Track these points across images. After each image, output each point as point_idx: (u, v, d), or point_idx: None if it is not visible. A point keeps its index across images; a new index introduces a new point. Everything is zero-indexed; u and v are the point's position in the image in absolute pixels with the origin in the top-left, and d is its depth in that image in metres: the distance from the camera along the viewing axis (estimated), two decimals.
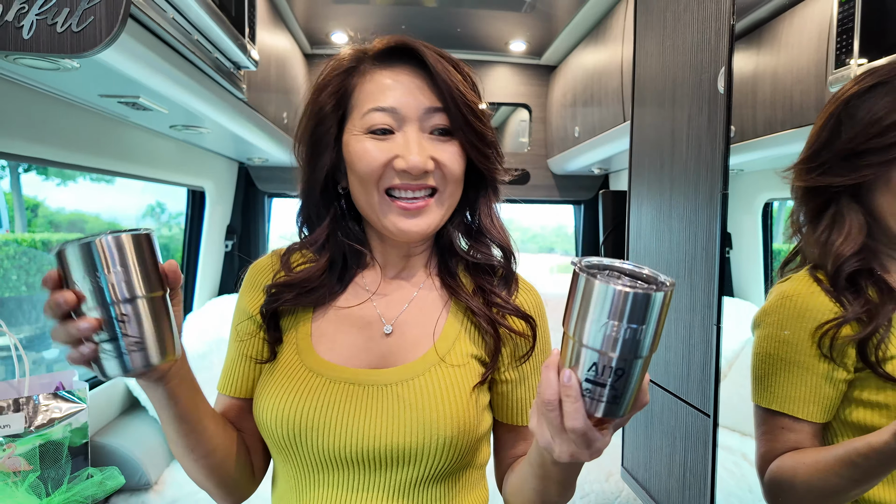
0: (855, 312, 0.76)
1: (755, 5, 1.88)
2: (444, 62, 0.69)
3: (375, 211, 0.69)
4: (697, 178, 0.90)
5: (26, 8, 0.82)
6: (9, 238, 3.88)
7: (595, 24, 2.19)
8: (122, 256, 0.53)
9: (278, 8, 2.07)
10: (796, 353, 0.79)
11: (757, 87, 1.90)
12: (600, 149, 2.06)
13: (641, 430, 1.12)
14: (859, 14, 1.40)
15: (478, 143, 0.70)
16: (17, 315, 3.67)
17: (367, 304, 0.74)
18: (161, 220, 4.52)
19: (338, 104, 0.71)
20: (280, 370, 0.71)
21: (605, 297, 0.45)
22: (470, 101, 0.69)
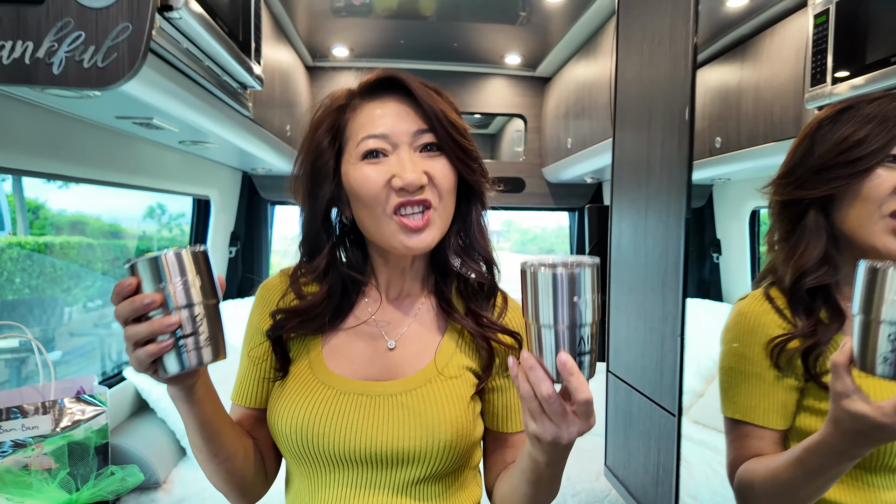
0: (802, 330, 0.83)
1: (739, 22, 1.96)
2: (427, 89, 0.76)
3: (382, 233, 0.75)
4: (669, 199, 0.98)
5: (56, 46, 0.90)
6: (12, 241, 3.94)
7: (587, 40, 2.27)
8: (187, 268, 0.62)
9: (281, 24, 2.16)
10: (753, 366, 0.86)
11: (741, 101, 1.98)
12: (591, 160, 2.14)
13: (621, 431, 1.19)
14: (832, 35, 1.47)
15: (464, 157, 0.77)
16: (21, 317, 3.74)
17: (372, 322, 0.81)
18: (161, 222, 4.58)
19: (333, 138, 0.78)
20: (293, 383, 0.78)
21: (545, 281, 0.55)
22: (453, 120, 0.76)
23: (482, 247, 0.82)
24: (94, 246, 4.52)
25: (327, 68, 2.68)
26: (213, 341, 0.64)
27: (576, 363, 0.56)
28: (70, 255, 4.32)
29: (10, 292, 3.82)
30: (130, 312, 0.60)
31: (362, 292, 0.83)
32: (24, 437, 1.04)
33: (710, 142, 2.16)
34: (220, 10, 1.22)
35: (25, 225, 4.37)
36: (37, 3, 0.89)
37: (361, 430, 0.74)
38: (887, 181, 0.80)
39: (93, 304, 4.44)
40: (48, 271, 4.11)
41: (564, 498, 1.93)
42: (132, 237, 4.75)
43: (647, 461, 1.06)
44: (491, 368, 0.79)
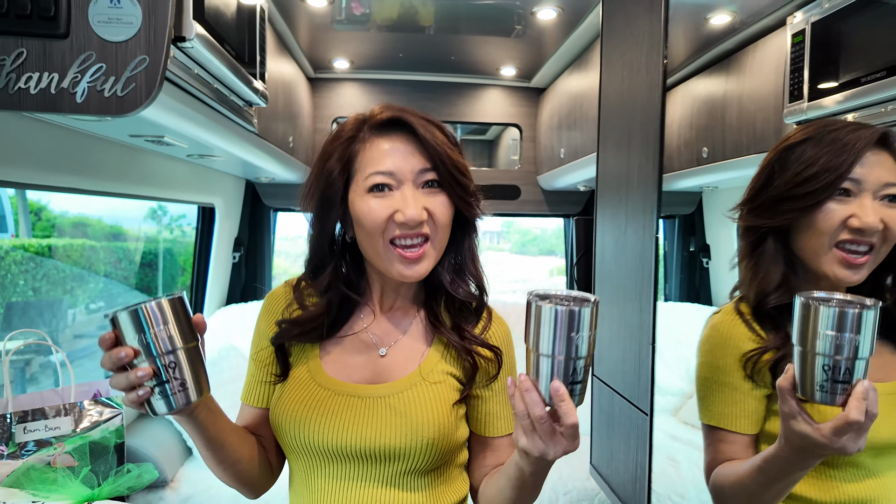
0: (770, 344, 0.90)
1: (723, 37, 2.04)
2: (431, 127, 0.83)
3: (381, 259, 0.82)
4: (644, 216, 1.06)
5: (79, 77, 0.98)
6: (16, 244, 3.99)
7: (579, 54, 2.34)
8: (163, 317, 0.69)
9: (283, 38, 2.23)
10: (726, 376, 0.93)
11: (726, 113, 2.05)
12: (583, 170, 2.22)
13: (605, 431, 1.27)
14: (808, 54, 1.54)
15: (462, 194, 0.83)
16: (24, 319, 3.81)
17: (365, 332, 0.89)
18: (162, 223, 4.65)
19: (343, 168, 0.84)
20: (293, 385, 0.86)
21: (548, 315, 0.61)
22: (455, 160, 0.83)
23: (472, 271, 0.89)
24: (97, 248, 4.59)
25: (328, 80, 2.76)
26: (195, 381, 0.71)
27: (567, 391, 0.62)
28: (73, 257, 4.38)
29: (14, 294, 3.87)
30: (111, 365, 0.68)
31: (358, 306, 0.91)
32: (46, 436, 1.12)
33: (698, 151, 2.24)
34: (228, 36, 1.30)
35: (28, 227, 4.41)
36: (62, 37, 0.96)
37: (352, 427, 0.81)
38: (837, 214, 0.85)
39: (95, 305, 4.51)
40: (51, 273, 4.17)
41: (556, 496, 2.00)
42: (134, 239, 4.82)
43: (627, 459, 1.14)
44: (474, 378, 0.86)
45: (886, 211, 0.86)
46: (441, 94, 2.81)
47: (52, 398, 1.18)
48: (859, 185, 0.86)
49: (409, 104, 0.88)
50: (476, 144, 3.94)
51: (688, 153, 2.29)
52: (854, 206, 0.86)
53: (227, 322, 2.60)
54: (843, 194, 0.86)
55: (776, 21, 1.77)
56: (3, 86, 0.96)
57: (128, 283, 4.77)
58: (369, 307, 0.91)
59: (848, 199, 0.86)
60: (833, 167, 0.85)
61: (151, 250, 4.76)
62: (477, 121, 2.87)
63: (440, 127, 0.85)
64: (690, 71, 2.30)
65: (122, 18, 0.97)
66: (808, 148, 0.89)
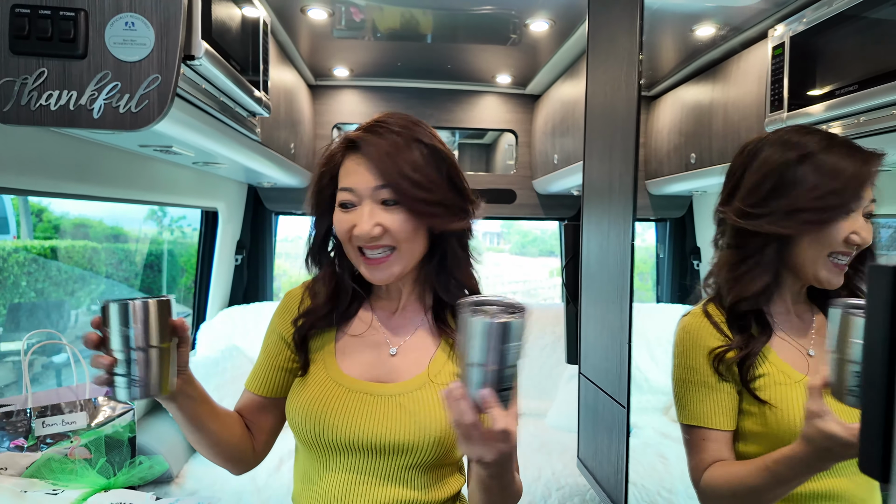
0: (736, 342, 0.95)
1: (709, 47, 2.11)
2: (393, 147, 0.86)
3: (355, 263, 0.91)
4: (626, 223, 1.13)
5: (96, 94, 1.05)
6: (18, 245, 4.05)
7: (572, 63, 2.41)
8: (144, 316, 0.78)
9: (284, 47, 2.30)
10: (699, 375, 0.97)
11: (712, 120, 2.12)
12: (576, 175, 2.29)
13: (590, 426, 1.34)
14: (787, 66, 1.61)
15: (424, 208, 0.86)
16: (27, 320, 3.86)
17: (378, 331, 0.95)
18: (163, 224, 4.70)
19: (331, 181, 0.92)
20: (311, 381, 0.93)
21: (480, 328, 0.64)
22: (412, 178, 0.85)
23: (459, 276, 0.93)
24: (99, 249, 4.65)
25: (329, 87, 2.83)
26: (158, 378, 0.79)
27: (497, 398, 0.66)
28: (75, 258, 4.43)
29: (16, 296, 3.92)
30: (86, 343, 0.79)
31: (369, 304, 0.98)
32: (63, 430, 1.19)
33: (686, 157, 2.31)
34: (233, 50, 1.37)
35: (29, 228, 4.46)
36: (80, 58, 1.04)
37: (364, 423, 0.88)
38: (843, 230, 0.90)
39: (97, 306, 4.55)
40: (53, 275, 4.22)
41: (549, 492, 2.07)
42: (134, 240, 4.87)
43: (610, 452, 1.20)
44: None
45: (869, 226, 0.92)
46: (439, 100, 2.88)
47: (68, 395, 1.25)
48: (859, 203, 0.91)
49: (408, 111, 0.94)
50: (474, 148, 4.01)
51: (677, 158, 2.36)
52: (853, 222, 0.91)
53: (229, 323, 2.67)
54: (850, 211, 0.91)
55: (758, 33, 1.84)
56: (25, 103, 1.03)
57: (129, 283, 4.83)
58: (381, 306, 0.98)
59: (850, 216, 0.91)
60: (855, 183, 0.89)
61: (152, 251, 4.83)
62: (473, 126, 2.94)
63: (411, 142, 0.88)
64: (679, 79, 2.37)
65: (136, 40, 1.04)
66: (830, 158, 0.91)
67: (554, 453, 2.25)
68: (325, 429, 0.88)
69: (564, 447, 2.31)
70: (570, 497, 2.07)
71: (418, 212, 0.86)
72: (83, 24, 1.02)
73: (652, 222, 2.97)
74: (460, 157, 3.94)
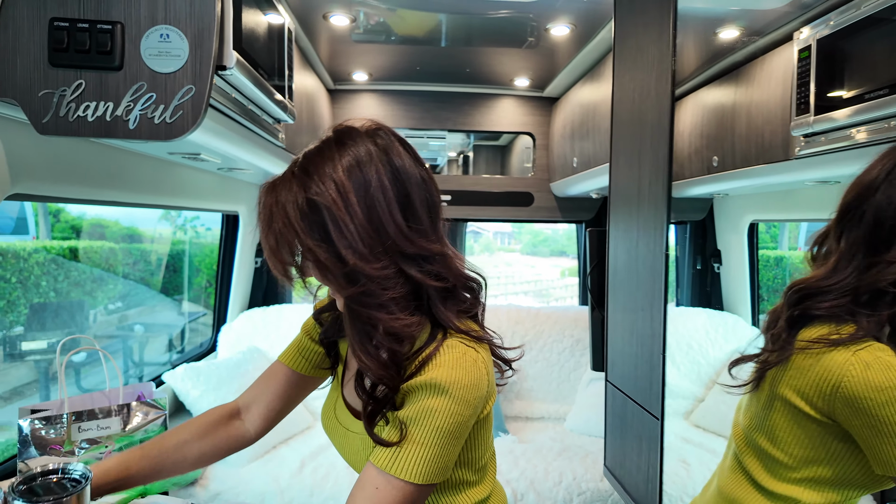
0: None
1: (732, 49, 2.09)
2: (268, 201, 0.78)
3: None
4: (655, 230, 1.12)
5: (132, 105, 1.06)
6: (38, 245, 4.11)
7: (592, 66, 2.40)
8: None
9: (305, 53, 2.32)
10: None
11: (735, 123, 2.11)
12: (595, 179, 2.28)
13: (618, 434, 1.34)
14: (814, 69, 1.60)
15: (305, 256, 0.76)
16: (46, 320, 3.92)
17: None
18: (176, 224, 4.75)
19: None
20: (330, 389, 0.99)
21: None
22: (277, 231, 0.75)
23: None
24: (116, 250, 4.71)
25: (348, 91, 2.84)
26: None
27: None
28: (93, 258, 4.50)
29: (36, 296, 3.98)
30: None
31: None
32: (98, 436, 1.21)
33: (708, 160, 2.29)
34: (261, 59, 1.38)
35: (48, 229, 4.53)
36: (116, 69, 1.05)
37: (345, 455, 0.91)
38: None
39: (114, 306, 4.62)
40: (72, 275, 4.28)
41: (570, 497, 2.07)
42: (149, 240, 4.93)
43: (640, 461, 1.20)
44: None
45: None
46: (456, 103, 2.88)
47: (102, 400, 1.27)
48: None
49: (425, 114, 0.96)
50: (489, 150, 4.01)
51: (698, 161, 2.35)
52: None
53: (249, 325, 2.69)
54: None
55: (783, 35, 1.82)
56: (63, 114, 1.05)
57: (145, 283, 4.90)
58: None
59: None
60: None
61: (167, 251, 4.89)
62: (491, 129, 2.94)
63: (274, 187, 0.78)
64: (701, 81, 2.35)
65: (170, 52, 1.06)
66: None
67: (575, 458, 2.24)
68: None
69: (586, 451, 2.30)
70: (591, 502, 2.07)
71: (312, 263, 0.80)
72: (119, 36, 1.04)
73: (671, 225, 2.96)
74: (475, 159, 3.94)
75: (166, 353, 4.33)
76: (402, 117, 2.85)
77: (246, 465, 2.12)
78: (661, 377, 1.05)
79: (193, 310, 4.38)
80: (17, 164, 1.18)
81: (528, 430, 2.63)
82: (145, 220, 4.80)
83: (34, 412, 1.16)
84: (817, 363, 0.84)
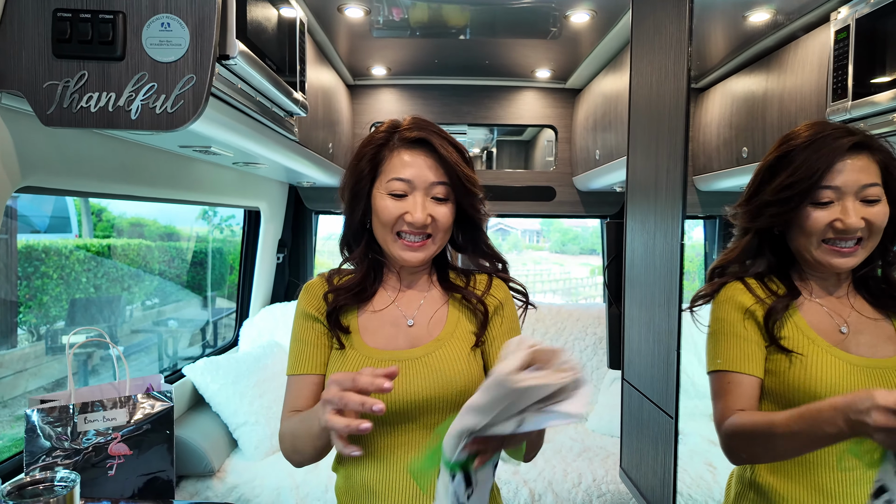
0: (766, 298, 1.03)
1: (763, 34, 1.99)
2: (449, 147, 0.98)
3: (388, 246, 1.00)
4: (673, 221, 1.06)
5: (133, 96, 1.06)
6: (79, 243, 4.24)
7: (614, 55, 2.33)
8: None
9: (323, 48, 2.31)
10: (729, 326, 1.04)
11: (766, 112, 2.01)
12: (618, 171, 2.21)
13: (634, 435, 1.27)
14: (853, 51, 1.50)
15: (472, 201, 1.01)
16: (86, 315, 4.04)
17: (392, 308, 1.04)
18: (213, 223, 4.85)
19: (372, 169, 1.01)
20: (344, 359, 1.00)
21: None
22: (467, 175, 0.99)
23: (483, 250, 1.08)
24: (152, 247, 4.84)
25: (367, 86, 2.83)
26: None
27: None
28: (130, 256, 4.63)
29: (77, 291, 4.11)
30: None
31: (385, 283, 1.07)
32: (104, 427, 1.22)
33: (738, 151, 2.19)
34: (269, 50, 1.37)
35: (90, 228, 4.68)
36: (118, 59, 1.05)
37: (396, 385, 0.94)
38: (822, 219, 0.99)
39: (150, 302, 4.75)
40: (111, 272, 4.41)
41: (590, 499, 2.01)
42: (186, 239, 5.05)
43: (655, 463, 1.14)
44: (485, 326, 1.03)
45: (867, 210, 0.98)
46: (476, 97, 2.84)
47: (110, 391, 1.28)
48: (839, 192, 0.98)
49: (445, 108, 0.99)
50: (513, 146, 3.95)
51: (727, 153, 2.24)
52: (837, 210, 0.98)
53: (271, 320, 2.71)
54: (826, 201, 0.98)
55: (818, 17, 1.72)
56: (67, 105, 1.05)
57: (180, 280, 5.01)
58: (393, 285, 1.07)
59: (831, 206, 0.98)
60: (808, 176, 0.98)
61: (202, 249, 4.99)
62: (512, 123, 2.89)
63: (456, 146, 1.01)
64: (730, 69, 2.25)
65: (171, 40, 1.05)
66: (793, 158, 1.01)
67: (595, 459, 2.17)
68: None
69: (607, 452, 2.23)
70: None
71: (468, 204, 1.00)
72: (121, 25, 1.04)
73: (700, 220, 2.84)
74: (499, 154, 3.89)
75: (199, 348, 4.42)
76: (422, 112, 2.81)
77: (263, 460, 2.12)
78: (675, 375, 0.99)
79: (226, 306, 4.46)
80: (28, 156, 1.19)
81: (547, 430, 2.56)
82: (183, 220, 4.92)
83: (43, 402, 1.17)
84: None
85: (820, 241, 1.00)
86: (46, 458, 1.13)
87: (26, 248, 3.61)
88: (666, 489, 1.06)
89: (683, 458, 2.23)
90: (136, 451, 1.21)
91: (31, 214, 4.16)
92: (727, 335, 1.04)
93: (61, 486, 0.80)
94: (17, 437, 1.29)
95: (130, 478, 1.23)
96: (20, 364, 3.36)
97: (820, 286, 1.07)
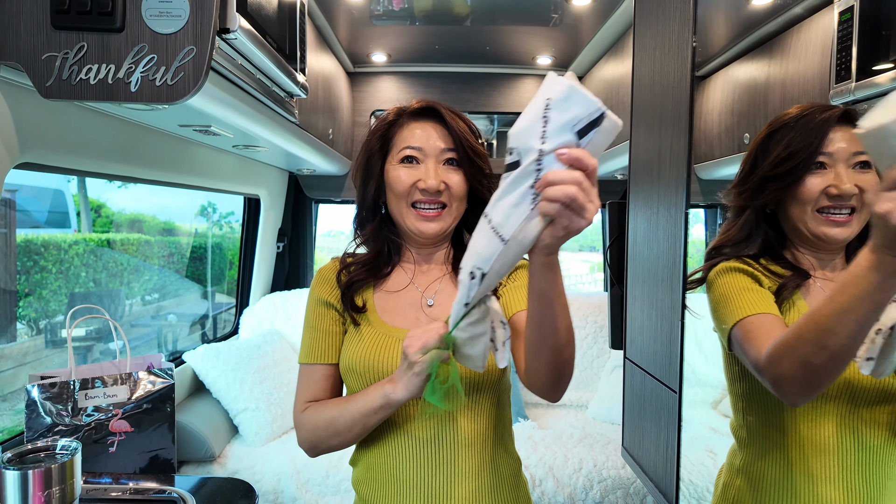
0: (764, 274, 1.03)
1: (765, 19, 1.98)
2: (456, 118, 1.00)
3: (404, 218, 0.99)
4: (676, 196, 1.05)
5: (133, 68, 1.05)
6: (78, 238, 4.23)
7: (615, 41, 2.32)
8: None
9: (323, 33, 2.30)
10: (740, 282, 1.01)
11: (768, 98, 2.00)
12: (620, 158, 2.20)
13: (636, 413, 1.27)
14: (857, 32, 1.50)
15: (476, 173, 1.00)
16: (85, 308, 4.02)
17: (410, 288, 1.03)
18: (212, 220, 4.84)
19: (383, 145, 1.02)
20: (361, 335, 0.98)
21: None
22: (473, 145, 0.99)
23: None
24: (151, 242, 4.83)
25: (367, 73, 2.82)
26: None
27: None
28: (129, 250, 4.62)
29: (77, 285, 4.10)
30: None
31: (401, 264, 1.06)
32: (105, 403, 1.21)
33: (739, 138, 2.18)
34: (269, 28, 1.36)
35: (89, 223, 4.67)
36: (118, 31, 1.04)
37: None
38: (816, 185, 1.00)
39: (150, 297, 4.74)
40: (110, 266, 4.41)
41: (591, 483, 2.01)
42: (185, 234, 5.04)
43: (658, 440, 1.14)
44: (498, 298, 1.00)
45: (860, 177, 0.99)
46: (477, 84, 2.82)
47: (110, 369, 1.27)
48: (832, 158, 1.00)
49: (445, 95, 0.99)
50: None
51: (728, 140, 2.24)
52: (830, 176, 1.00)
53: (271, 308, 2.70)
54: (820, 167, 1.00)
55: (821, 0, 1.71)
56: (66, 77, 1.04)
57: (180, 275, 5.00)
58: (409, 265, 1.06)
59: (824, 172, 1.00)
60: (805, 146, 1.00)
61: (201, 244, 4.99)
62: (513, 111, 2.87)
63: (463, 118, 1.02)
64: (731, 56, 2.24)
65: (171, 12, 1.04)
66: (785, 133, 1.04)
67: (596, 445, 2.17)
68: (380, 374, 0.93)
69: (607, 439, 2.23)
70: (612, 490, 2.00)
71: (472, 176, 0.99)
72: None
73: (701, 208, 2.83)
74: (499, 145, 3.87)
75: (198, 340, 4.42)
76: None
77: (264, 445, 2.12)
78: (678, 349, 0.99)
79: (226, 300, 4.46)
80: (27, 131, 1.18)
81: (548, 417, 2.56)
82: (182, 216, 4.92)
83: (43, 378, 1.17)
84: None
85: (814, 211, 1.01)
86: (47, 433, 1.13)
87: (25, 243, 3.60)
88: (669, 465, 1.06)
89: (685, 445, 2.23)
90: (136, 428, 1.21)
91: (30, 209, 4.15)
92: (738, 291, 1.00)
93: (63, 453, 0.79)
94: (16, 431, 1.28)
95: (132, 455, 1.22)
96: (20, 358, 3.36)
97: (814, 264, 1.07)
